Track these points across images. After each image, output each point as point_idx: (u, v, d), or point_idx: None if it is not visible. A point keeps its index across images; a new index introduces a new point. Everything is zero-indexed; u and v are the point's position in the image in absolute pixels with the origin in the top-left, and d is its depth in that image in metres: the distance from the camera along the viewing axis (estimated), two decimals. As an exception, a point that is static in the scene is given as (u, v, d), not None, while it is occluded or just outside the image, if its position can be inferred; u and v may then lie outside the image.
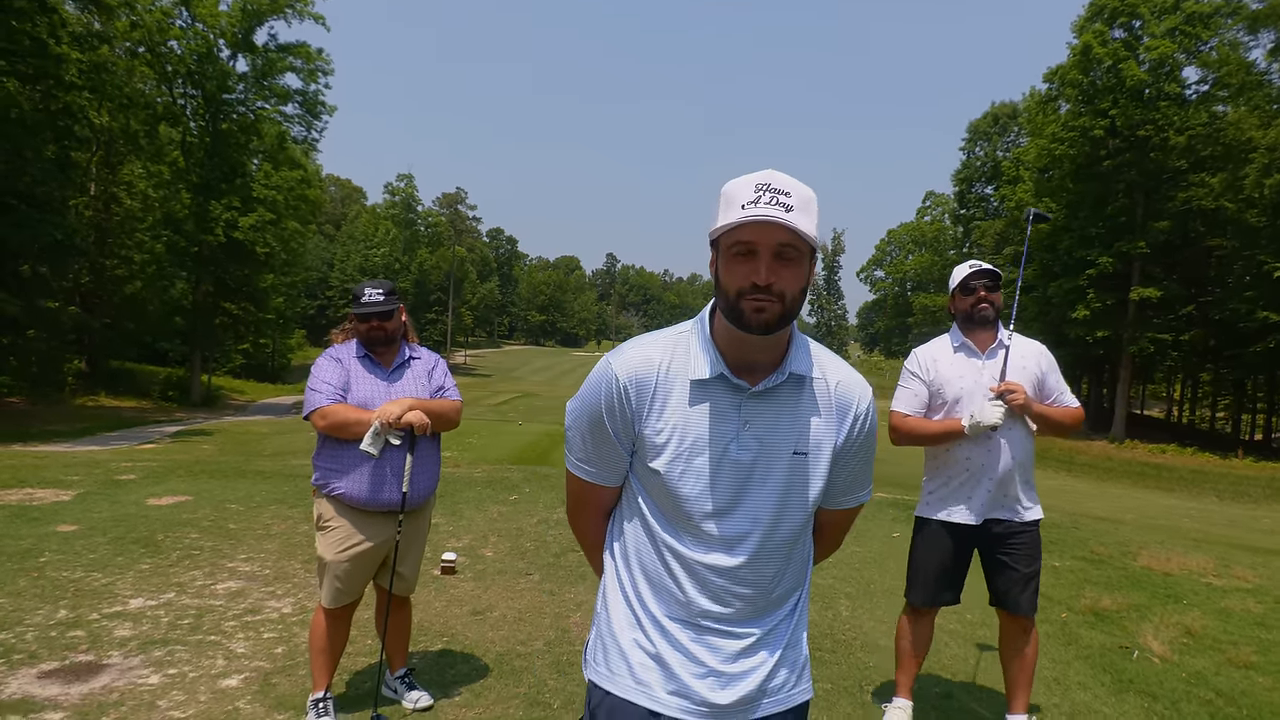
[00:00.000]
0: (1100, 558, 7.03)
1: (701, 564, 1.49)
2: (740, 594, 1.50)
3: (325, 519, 3.26)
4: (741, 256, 1.38)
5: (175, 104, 34.39)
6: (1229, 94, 36.66)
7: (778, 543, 1.52)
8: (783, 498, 1.50)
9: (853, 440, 1.55)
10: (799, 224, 1.34)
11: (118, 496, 7.69)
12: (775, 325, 1.39)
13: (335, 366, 3.30)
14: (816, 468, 1.52)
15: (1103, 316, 39.38)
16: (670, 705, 1.49)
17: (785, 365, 1.48)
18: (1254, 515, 17.79)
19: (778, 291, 1.38)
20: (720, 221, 1.38)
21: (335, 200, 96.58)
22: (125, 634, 4.18)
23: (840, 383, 1.54)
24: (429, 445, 3.36)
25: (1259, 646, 4.76)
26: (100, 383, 32.90)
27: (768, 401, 1.48)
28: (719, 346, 1.48)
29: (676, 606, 1.51)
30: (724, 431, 1.47)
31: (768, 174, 1.39)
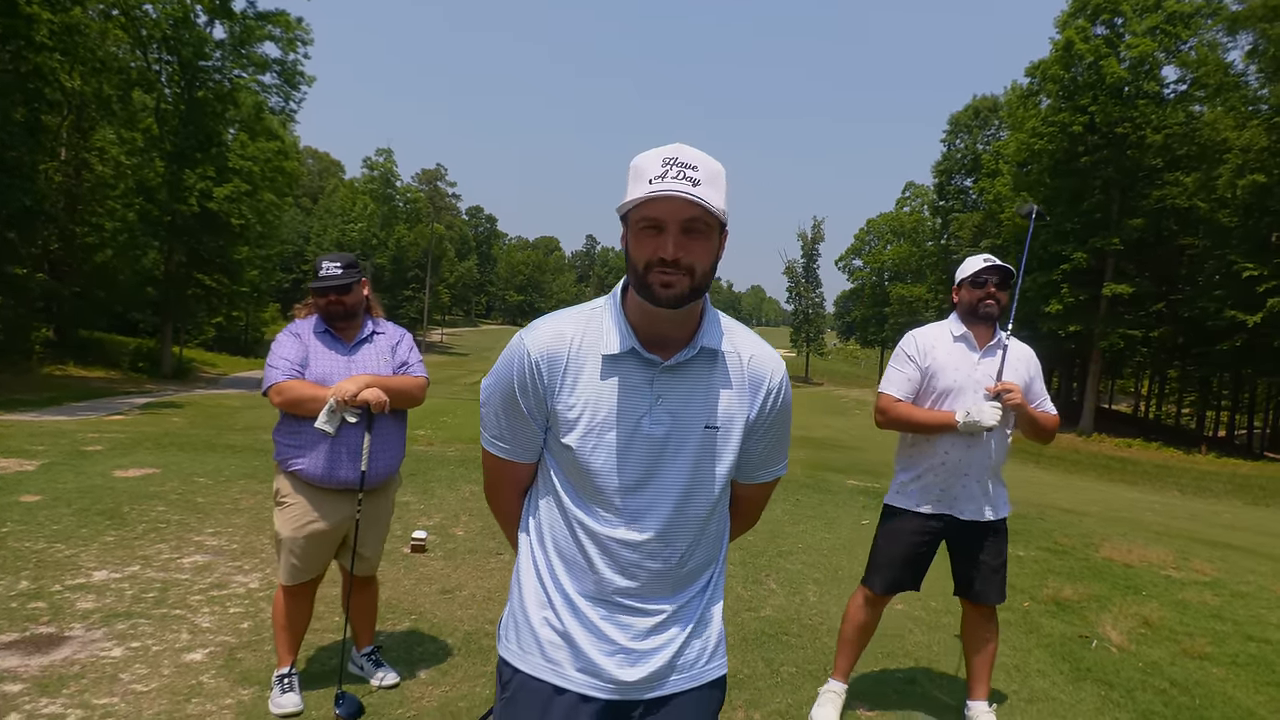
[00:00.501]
0: (1064, 548, 7.15)
1: (613, 539, 1.49)
2: (651, 569, 1.51)
3: (283, 495, 3.22)
4: (649, 231, 1.39)
5: (150, 69, 33.63)
6: (1206, 94, 37.11)
7: (689, 517, 1.52)
8: (694, 472, 1.50)
9: (766, 414, 1.56)
10: (706, 198, 1.34)
11: (83, 467, 7.59)
12: (684, 300, 1.40)
13: (294, 342, 3.23)
14: (728, 441, 1.53)
15: (1075, 311, 39.86)
16: (578, 682, 1.51)
17: (697, 339, 1.48)
18: (1214, 510, 18.15)
19: (686, 265, 1.38)
20: (628, 196, 1.38)
21: (313, 173, 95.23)
22: (88, 606, 4.14)
23: (754, 357, 1.55)
24: (390, 423, 3.29)
25: (1213, 638, 4.87)
26: (69, 352, 32.33)
27: (680, 376, 1.48)
28: (631, 321, 1.48)
29: (588, 583, 1.52)
30: (636, 406, 1.47)
31: (675, 148, 1.38)
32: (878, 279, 77.29)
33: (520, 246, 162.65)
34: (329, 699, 3.27)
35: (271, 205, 40.26)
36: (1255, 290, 31.69)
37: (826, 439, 25.45)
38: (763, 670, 3.96)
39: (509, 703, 1.56)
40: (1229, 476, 27.46)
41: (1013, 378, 3.23)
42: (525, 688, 1.54)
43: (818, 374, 75.07)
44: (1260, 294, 31.54)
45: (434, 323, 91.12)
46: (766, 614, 4.80)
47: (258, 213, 38.37)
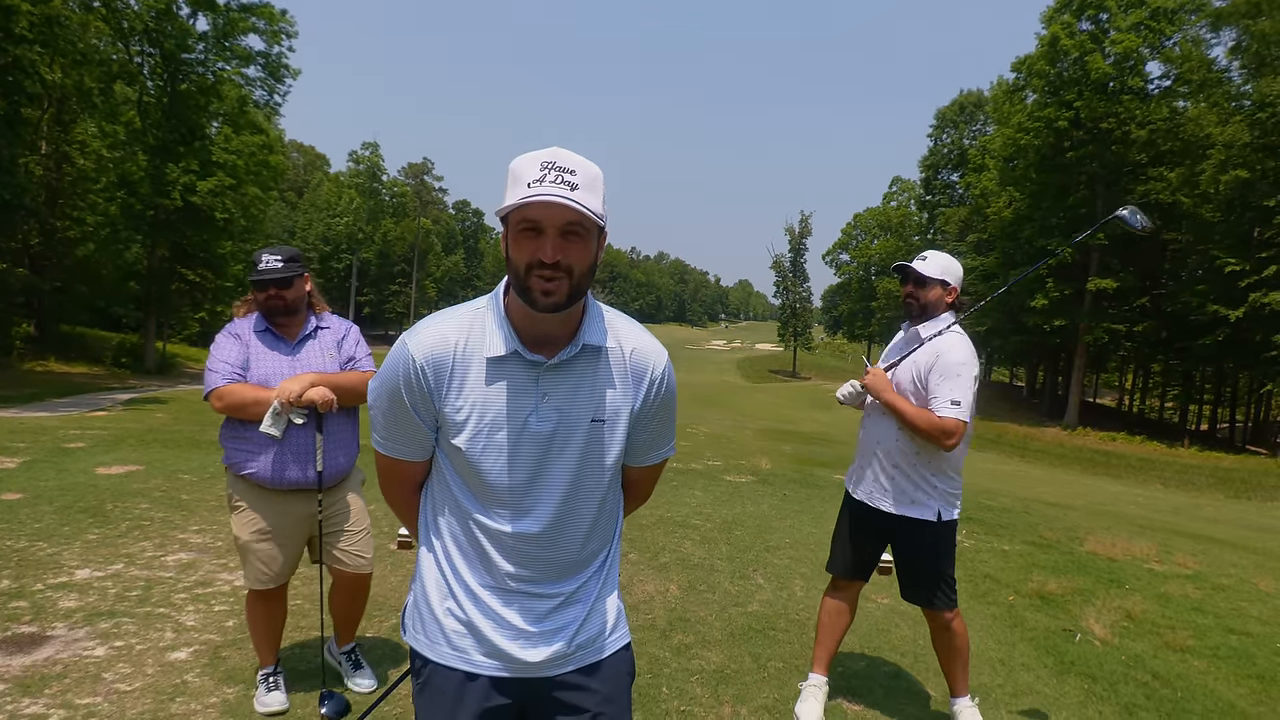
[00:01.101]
0: (1048, 542, 7.20)
1: (506, 534, 1.54)
2: (545, 558, 1.56)
3: (237, 500, 3.14)
4: (529, 234, 1.41)
5: (132, 62, 33.26)
6: (1189, 90, 37.43)
7: (580, 508, 1.57)
8: (583, 464, 1.55)
9: (650, 403, 1.60)
10: (584, 202, 1.37)
11: (65, 465, 7.52)
12: (564, 303, 1.43)
13: (233, 343, 3.10)
14: (614, 433, 1.57)
15: (1060, 306, 40.16)
16: (486, 666, 1.57)
17: (579, 337, 1.51)
18: (1197, 503, 18.34)
19: (565, 267, 1.40)
20: (507, 200, 1.40)
21: (298, 167, 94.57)
22: (71, 605, 4.10)
23: (635, 350, 1.58)
24: (343, 420, 3.20)
25: (1195, 631, 4.92)
26: (50, 347, 32.01)
27: (564, 373, 1.52)
28: (513, 322, 1.50)
29: (486, 574, 1.56)
30: (522, 405, 1.50)
31: (553, 151, 1.40)
32: (865, 273, 77.47)
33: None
34: (315, 697, 3.25)
35: (256, 199, 39.91)
36: (1237, 285, 32.02)
37: (814, 433, 25.52)
38: (750, 665, 3.97)
39: (423, 689, 1.62)
40: (1211, 470, 27.76)
41: (907, 370, 3.24)
42: (437, 675, 1.59)
43: (805, 368, 75.20)
44: (1242, 289, 31.88)
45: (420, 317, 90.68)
46: (754, 609, 4.81)
47: (242, 207, 38.04)
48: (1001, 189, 45.33)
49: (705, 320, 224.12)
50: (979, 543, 6.95)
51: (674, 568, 5.50)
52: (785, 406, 41.63)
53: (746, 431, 22.39)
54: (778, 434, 22.57)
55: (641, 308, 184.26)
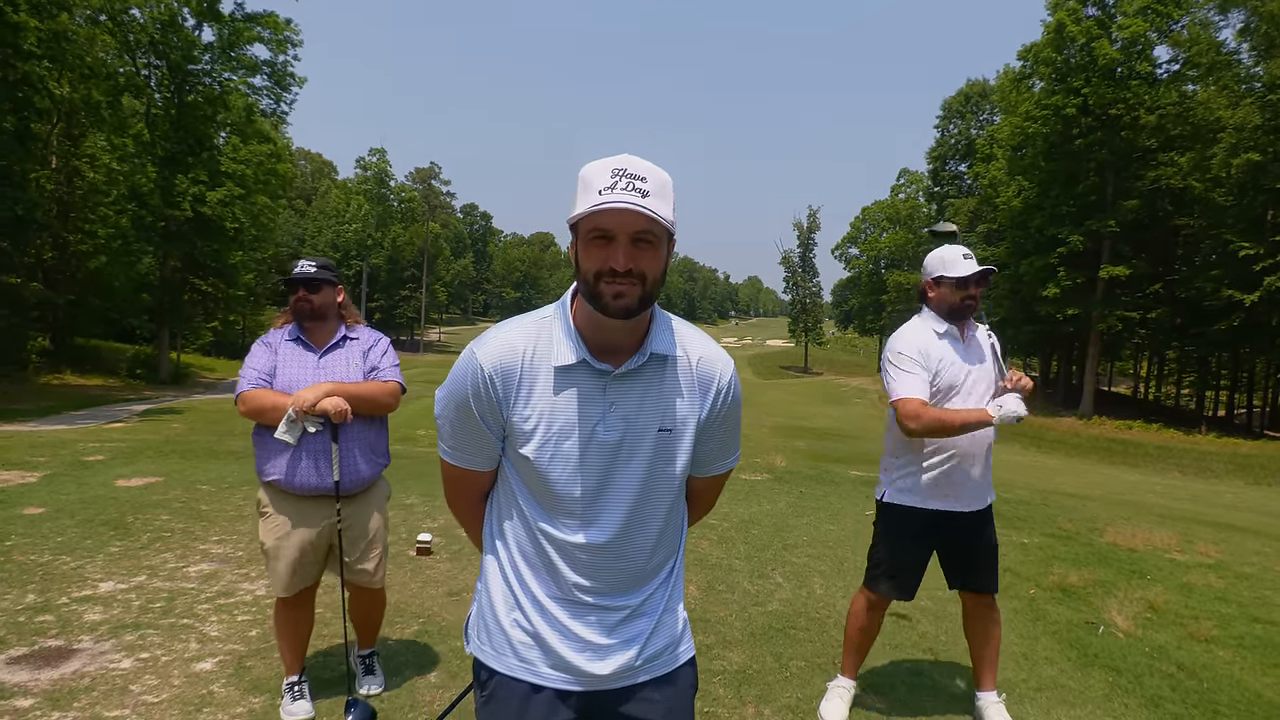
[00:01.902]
0: (1068, 534, 7.16)
1: (573, 544, 1.53)
2: (613, 568, 1.55)
3: (264, 505, 3.22)
4: (600, 241, 1.40)
5: (139, 75, 33.53)
6: (1198, 73, 37.08)
7: (647, 518, 1.57)
8: (650, 474, 1.54)
9: (717, 413, 1.60)
10: (655, 209, 1.36)
11: (85, 478, 7.59)
12: (635, 310, 1.42)
13: (264, 351, 3.21)
14: (681, 443, 1.56)
15: (1072, 294, 39.88)
16: (552, 678, 1.56)
17: (646, 346, 1.51)
18: (1216, 490, 18.21)
19: (637, 274, 1.40)
20: (578, 208, 1.39)
21: (306, 175, 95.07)
22: (95, 618, 4.14)
23: (702, 359, 1.58)
24: (364, 430, 3.22)
25: (1219, 620, 4.89)
26: (65, 360, 32.28)
27: (632, 382, 1.51)
28: (580, 331, 1.50)
29: (553, 585, 1.56)
30: (590, 415, 1.50)
31: (624, 159, 1.40)
32: (874, 267, 77.24)
33: (516, 243, 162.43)
34: (340, 706, 3.27)
35: (265, 208, 40.17)
36: (1252, 269, 31.73)
37: (828, 429, 25.47)
38: (771, 665, 3.97)
39: (489, 700, 1.62)
40: (1230, 456, 27.52)
41: (990, 363, 3.26)
42: (503, 687, 1.59)
43: (817, 364, 75.03)
44: (1257, 272, 31.58)
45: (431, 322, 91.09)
46: (773, 608, 4.81)
47: (251, 216, 38.30)
48: (1010, 178, 45.07)
49: (715, 318, 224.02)
50: (998, 536, 6.90)
51: (692, 568, 5.50)
52: (798, 402, 41.53)
53: (760, 429, 22.36)
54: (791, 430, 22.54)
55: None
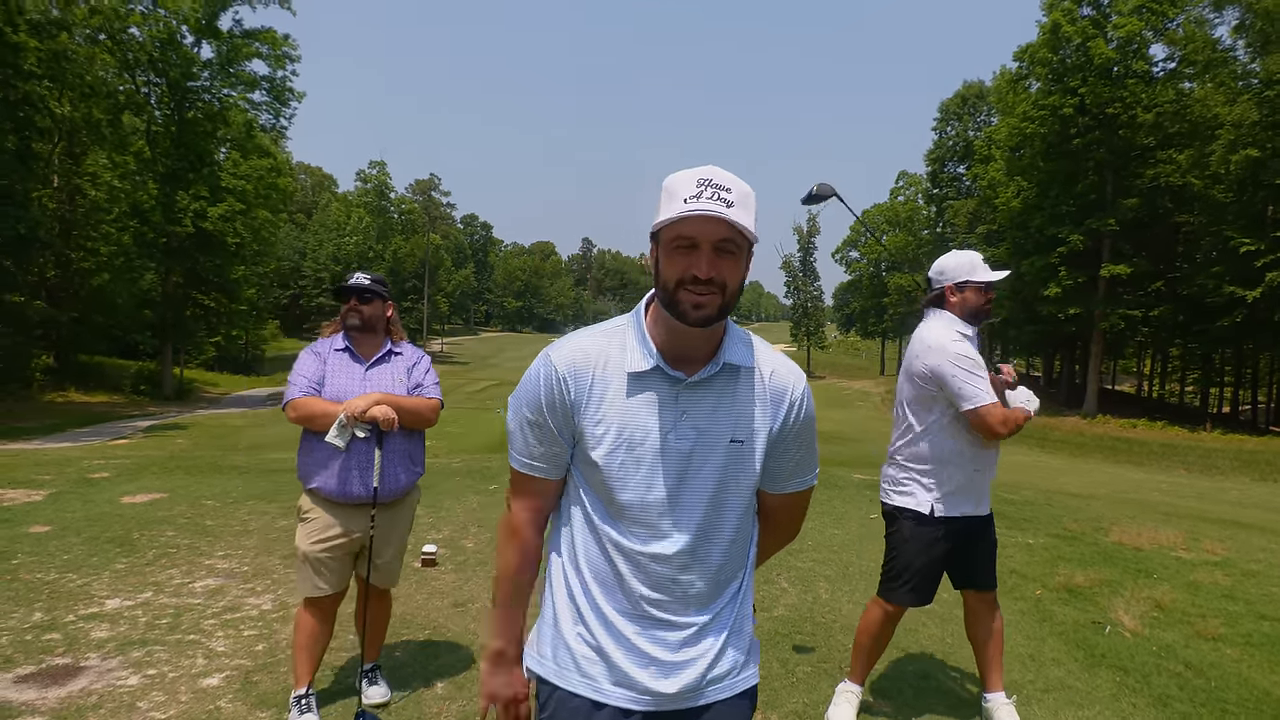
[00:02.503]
0: (1073, 534, 7.15)
1: (643, 554, 1.51)
2: (682, 582, 1.53)
3: (304, 511, 3.32)
4: (683, 250, 1.42)
5: (139, 92, 33.70)
6: (1195, 71, 37.15)
7: (718, 530, 1.55)
8: (721, 485, 1.53)
9: (790, 427, 1.58)
10: (739, 219, 1.38)
11: (91, 495, 7.60)
12: (714, 319, 1.43)
13: (313, 360, 3.34)
14: (753, 454, 1.55)
15: (1074, 293, 39.85)
16: (615, 696, 1.53)
17: (720, 356, 1.51)
18: (1222, 487, 18.14)
19: (719, 283, 1.41)
20: (662, 215, 1.42)
21: (306, 189, 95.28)
22: (102, 635, 4.14)
23: (774, 372, 1.57)
24: (403, 440, 3.35)
25: (1226, 618, 4.88)
26: (69, 378, 32.37)
27: (704, 391, 1.51)
28: (654, 339, 1.51)
29: (620, 598, 1.53)
30: (662, 422, 1.49)
31: (709, 169, 1.42)
32: (875, 270, 77.22)
33: (516, 253, 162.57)
34: (348, 718, 3.28)
35: (266, 222, 40.35)
36: (1253, 265, 31.70)
37: (832, 433, 25.45)
38: (778, 671, 3.97)
39: (549, 717, 1.58)
40: (1235, 453, 27.44)
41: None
42: (564, 705, 1.56)
43: (820, 367, 75.00)
44: (1258, 269, 31.55)
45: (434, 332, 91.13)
46: (779, 614, 4.81)
47: (252, 230, 38.47)
48: (1009, 179, 45.08)
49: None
50: (1003, 537, 6.87)
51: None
52: (801, 406, 41.43)
53: (763, 433, 22.32)
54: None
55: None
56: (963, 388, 3.11)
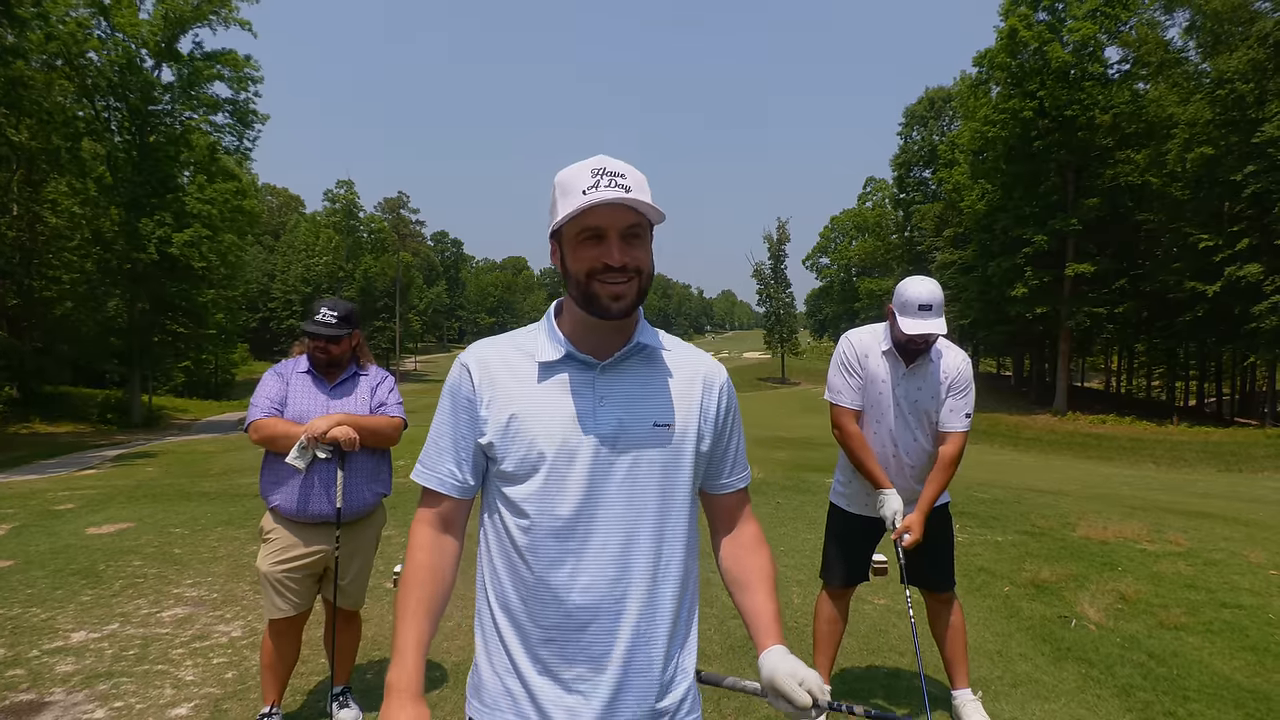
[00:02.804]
0: (1041, 530, 7.26)
1: (564, 577, 1.39)
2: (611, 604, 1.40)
3: (266, 531, 3.33)
4: (590, 241, 1.38)
5: (99, 117, 33.31)
6: (1149, 72, 37.99)
7: (648, 544, 1.42)
8: (650, 475, 1.43)
9: (720, 414, 1.53)
10: (641, 200, 1.35)
11: (55, 528, 7.47)
12: (634, 307, 1.41)
13: (275, 381, 3.35)
14: (685, 442, 1.46)
15: (1041, 293, 40.52)
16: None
17: (634, 338, 1.46)
18: (1189, 479, 18.48)
19: (634, 269, 1.38)
20: (561, 212, 1.37)
21: (273, 210, 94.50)
22: (68, 669, 4.08)
23: (693, 356, 1.54)
24: (367, 459, 3.36)
25: (1188, 608, 4.98)
26: (34, 408, 31.74)
27: (620, 374, 1.45)
28: (566, 335, 1.47)
29: (549, 619, 1.40)
30: (580, 409, 1.42)
31: (601, 159, 1.40)
32: (846, 275, 77.94)
33: (488, 268, 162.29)
34: (317, 743, 3.26)
35: (233, 246, 39.95)
36: (1212, 260, 32.42)
37: (806, 438, 25.56)
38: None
39: None
40: (1201, 445, 27.96)
41: (929, 392, 3.28)
42: None
43: (794, 373, 75.35)
44: (1217, 263, 32.27)
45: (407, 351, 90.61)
46: (752, 620, 4.82)
47: (220, 254, 38.04)
48: (973, 182, 45.80)
49: (691, 333, 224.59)
50: (972, 536, 6.99)
51: (671, 584, 5.51)
52: (775, 413, 41.66)
53: (739, 441, 22.38)
54: (769, 441, 22.59)
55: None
56: (830, 378, 3.44)
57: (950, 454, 3.26)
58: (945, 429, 3.29)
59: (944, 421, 3.28)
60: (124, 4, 32.32)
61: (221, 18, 34.75)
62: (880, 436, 3.33)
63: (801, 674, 1.39)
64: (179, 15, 33.61)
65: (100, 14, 31.90)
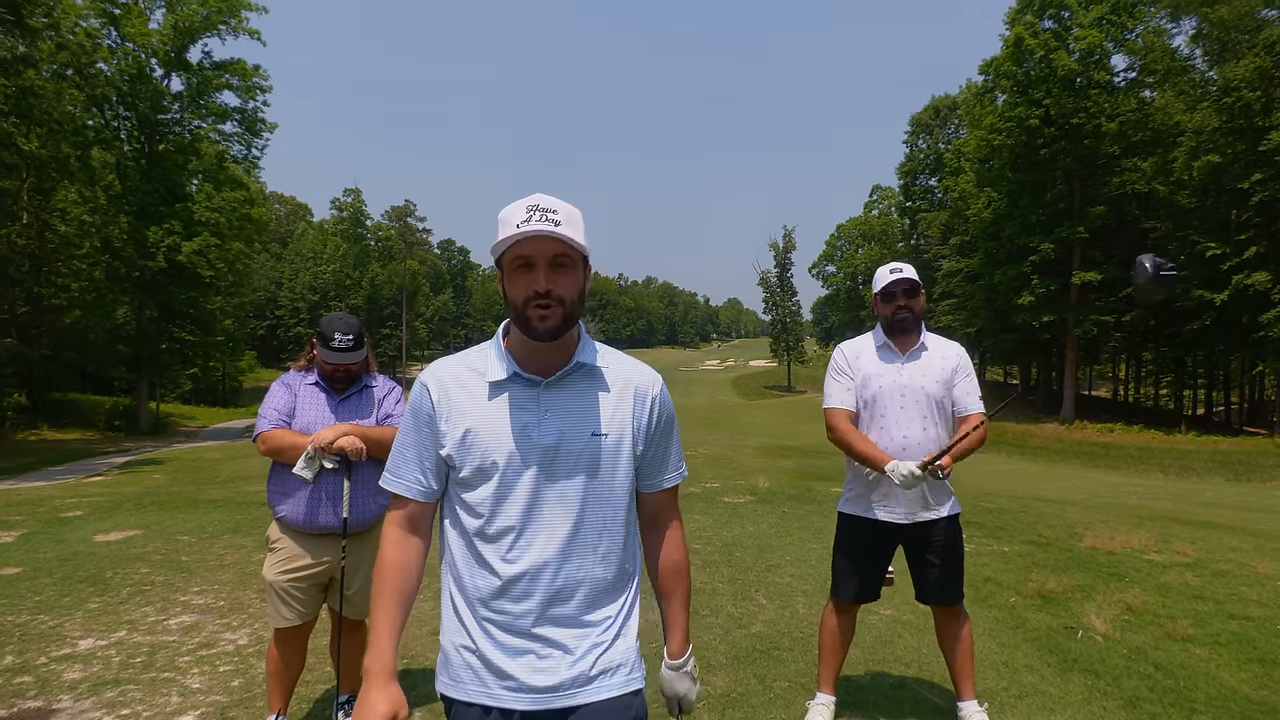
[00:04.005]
0: (1047, 540, 7.23)
1: (517, 560, 1.59)
2: (560, 586, 1.60)
3: (273, 540, 3.34)
4: (522, 269, 1.57)
5: (108, 126, 33.54)
6: (1155, 80, 37.94)
7: (590, 531, 1.63)
8: (588, 482, 1.62)
9: (654, 420, 1.71)
10: (568, 234, 1.53)
11: (63, 535, 7.51)
12: (560, 329, 1.57)
13: (283, 392, 3.37)
14: (620, 450, 1.65)
15: (1047, 301, 40.45)
16: (501, 697, 1.59)
17: (574, 358, 1.64)
18: (1198, 488, 18.39)
19: (557, 297, 1.55)
20: (499, 241, 1.55)
21: (281, 218, 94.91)
22: (75, 676, 4.10)
23: (628, 370, 1.71)
24: (374, 469, 3.36)
25: (1195, 619, 4.95)
26: (43, 415, 31.93)
27: (563, 390, 1.64)
28: (513, 354, 1.65)
29: (500, 605, 1.60)
30: (524, 421, 1.60)
31: (536, 197, 1.58)
32: (852, 283, 77.87)
33: (494, 276, 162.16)
34: (323, 752, 3.27)
35: (241, 254, 40.09)
36: (1220, 269, 32.30)
37: (812, 447, 25.52)
38: (756, 687, 3.99)
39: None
40: (1210, 454, 27.83)
41: (932, 377, 3.32)
42: (462, 714, 1.64)
43: (800, 382, 75.32)
44: (1225, 271, 32.15)
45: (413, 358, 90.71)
46: (757, 629, 4.83)
47: (227, 262, 38.19)
48: (979, 190, 45.74)
49: (697, 341, 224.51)
50: (979, 546, 6.98)
51: (676, 594, 5.50)
52: (782, 422, 41.65)
53: (744, 450, 22.38)
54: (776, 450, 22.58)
55: (633, 333, 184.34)
56: (825, 386, 3.51)
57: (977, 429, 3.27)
58: (966, 412, 3.33)
59: (963, 404, 3.33)
60: (134, 14, 32.61)
61: (231, 28, 35.00)
62: (888, 434, 3.30)
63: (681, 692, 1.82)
64: (189, 25, 33.87)
65: (110, 24, 32.19)
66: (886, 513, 3.33)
